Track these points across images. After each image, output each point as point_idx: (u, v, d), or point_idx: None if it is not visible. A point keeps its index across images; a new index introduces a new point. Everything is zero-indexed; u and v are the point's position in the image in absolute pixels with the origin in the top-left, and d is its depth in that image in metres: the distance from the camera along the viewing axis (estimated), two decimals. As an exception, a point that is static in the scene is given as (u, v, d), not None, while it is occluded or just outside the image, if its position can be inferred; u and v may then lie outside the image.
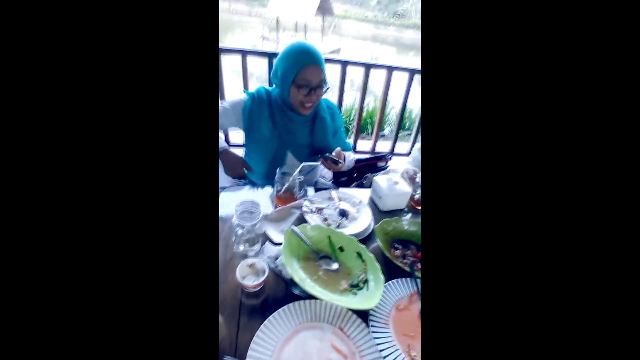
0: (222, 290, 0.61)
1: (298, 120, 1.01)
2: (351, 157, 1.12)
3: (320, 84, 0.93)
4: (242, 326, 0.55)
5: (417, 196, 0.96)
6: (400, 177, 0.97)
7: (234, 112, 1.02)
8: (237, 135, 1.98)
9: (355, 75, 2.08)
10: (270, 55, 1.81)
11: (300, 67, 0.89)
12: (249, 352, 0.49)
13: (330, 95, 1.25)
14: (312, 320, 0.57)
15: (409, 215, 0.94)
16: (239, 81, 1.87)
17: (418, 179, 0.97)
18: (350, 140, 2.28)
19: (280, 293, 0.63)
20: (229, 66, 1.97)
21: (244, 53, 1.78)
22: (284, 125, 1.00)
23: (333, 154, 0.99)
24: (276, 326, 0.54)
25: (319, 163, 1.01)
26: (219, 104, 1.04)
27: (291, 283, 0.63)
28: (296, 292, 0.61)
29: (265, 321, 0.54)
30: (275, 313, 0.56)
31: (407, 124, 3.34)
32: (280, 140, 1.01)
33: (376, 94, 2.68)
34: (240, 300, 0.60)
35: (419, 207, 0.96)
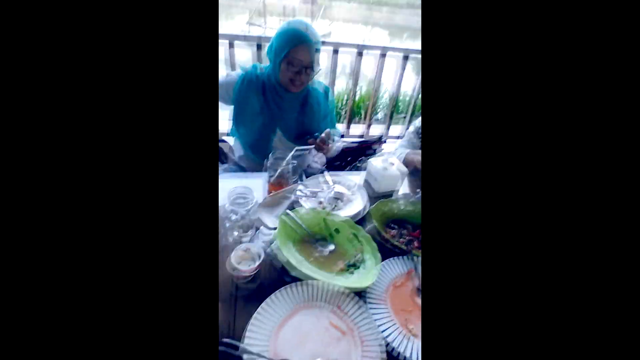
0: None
1: (289, 98, 1.01)
2: (338, 142, 1.12)
3: (310, 65, 0.92)
4: (239, 310, 0.56)
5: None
6: (396, 159, 0.96)
7: (226, 88, 1.03)
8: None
9: (346, 60, 2.04)
10: (260, 40, 1.76)
11: (293, 46, 0.89)
12: (247, 334, 0.49)
13: (322, 80, 1.23)
14: (309, 300, 0.57)
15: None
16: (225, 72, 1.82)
17: None
18: (343, 125, 2.26)
19: (275, 278, 0.63)
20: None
21: (231, 39, 1.72)
22: (275, 101, 1.01)
23: (322, 135, 0.99)
24: (274, 307, 0.54)
25: (312, 147, 1.00)
26: None
27: (287, 266, 0.63)
28: (292, 274, 0.61)
29: (262, 304, 0.54)
30: (272, 295, 0.56)
31: (401, 107, 3.31)
32: (270, 116, 1.02)
33: (369, 78, 2.64)
34: (236, 286, 0.60)
35: None
